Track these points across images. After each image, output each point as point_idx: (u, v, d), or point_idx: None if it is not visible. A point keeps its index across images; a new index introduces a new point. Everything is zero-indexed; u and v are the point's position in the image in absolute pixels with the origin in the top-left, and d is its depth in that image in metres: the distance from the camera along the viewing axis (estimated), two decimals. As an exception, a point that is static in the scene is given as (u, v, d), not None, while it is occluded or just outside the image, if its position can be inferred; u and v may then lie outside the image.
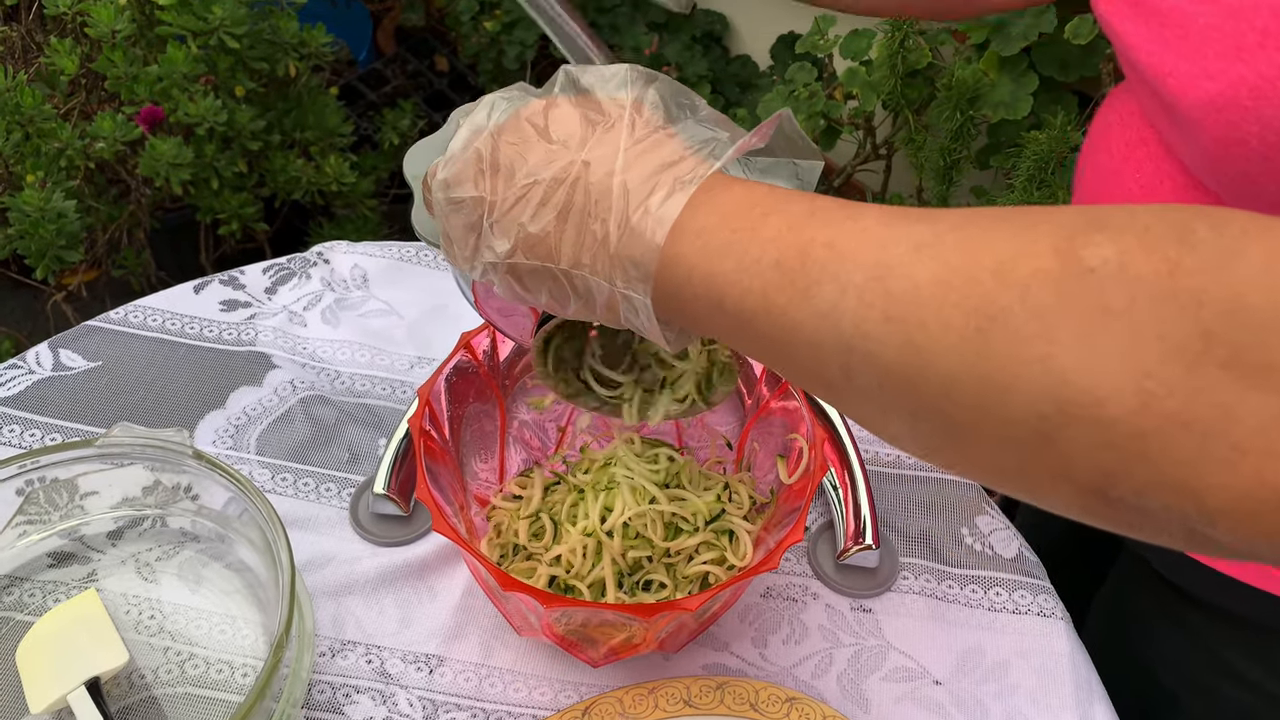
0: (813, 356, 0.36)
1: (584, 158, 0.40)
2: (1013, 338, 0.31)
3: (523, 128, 0.42)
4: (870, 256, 0.34)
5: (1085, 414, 0.30)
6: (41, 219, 1.26)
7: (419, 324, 0.84)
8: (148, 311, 0.82)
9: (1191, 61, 0.48)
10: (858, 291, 0.34)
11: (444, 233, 0.45)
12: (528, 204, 0.41)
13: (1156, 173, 0.57)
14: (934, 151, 1.37)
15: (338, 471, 0.73)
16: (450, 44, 2.14)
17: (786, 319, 0.36)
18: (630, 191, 0.39)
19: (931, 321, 0.32)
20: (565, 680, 0.63)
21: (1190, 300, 0.29)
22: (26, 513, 0.64)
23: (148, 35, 1.41)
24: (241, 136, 1.45)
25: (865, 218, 0.36)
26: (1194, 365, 0.29)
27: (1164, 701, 0.73)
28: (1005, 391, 0.31)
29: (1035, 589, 0.70)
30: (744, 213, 0.38)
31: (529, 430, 0.71)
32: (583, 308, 0.42)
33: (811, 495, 0.57)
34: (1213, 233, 0.30)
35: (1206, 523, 0.30)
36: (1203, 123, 0.47)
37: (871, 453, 0.77)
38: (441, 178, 0.43)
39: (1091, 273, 0.30)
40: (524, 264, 0.42)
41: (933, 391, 0.33)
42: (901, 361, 0.33)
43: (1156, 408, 0.29)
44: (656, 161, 0.40)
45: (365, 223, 1.69)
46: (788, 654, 0.66)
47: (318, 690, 0.62)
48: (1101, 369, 0.30)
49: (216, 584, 0.65)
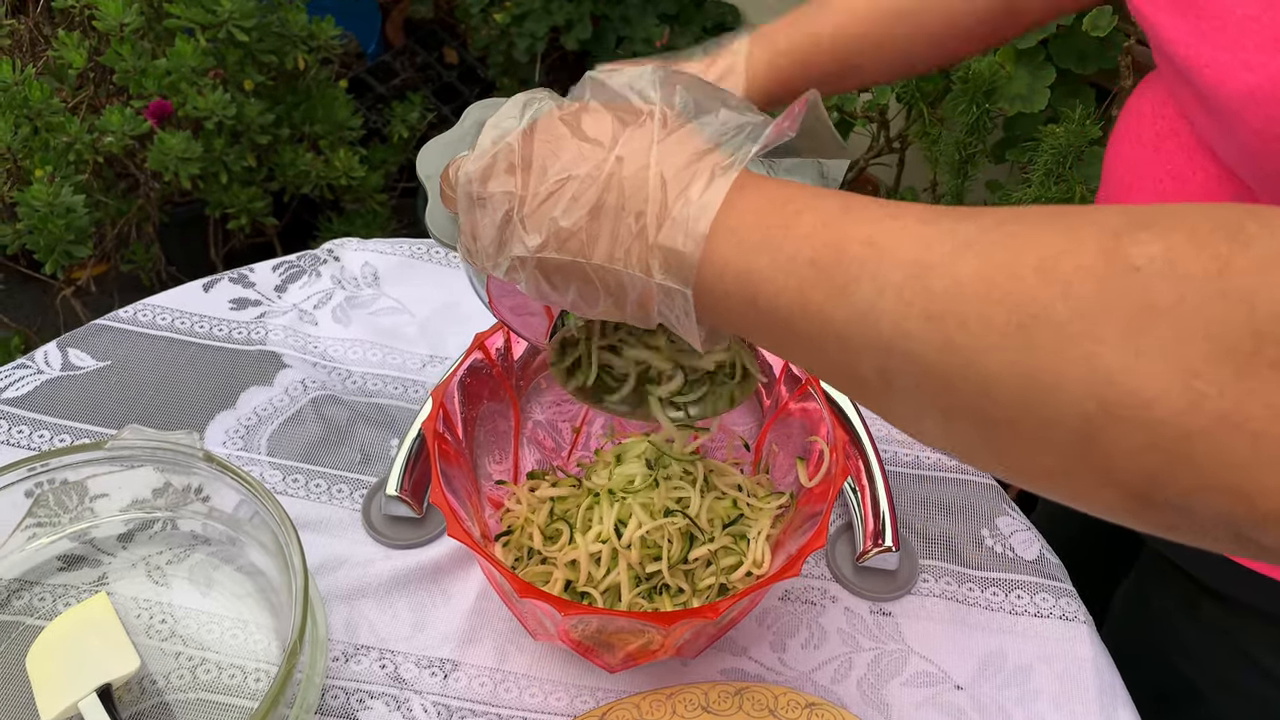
0: (848, 355, 0.36)
1: (617, 154, 0.40)
2: (1056, 335, 0.30)
3: (555, 126, 0.41)
4: (910, 254, 0.34)
5: (1131, 414, 0.29)
6: (50, 214, 1.26)
7: (431, 322, 0.83)
8: (157, 310, 0.81)
9: (1230, 53, 0.47)
10: (896, 290, 0.33)
11: (466, 229, 0.44)
12: (560, 199, 0.40)
13: (1189, 164, 0.56)
14: (949, 145, 1.36)
15: (349, 472, 0.72)
16: (460, 36, 2.13)
17: (822, 316, 0.35)
18: (668, 182, 0.39)
19: (973, 319, 0.32)
20: (581, 685, 0.62)
21: (1241, 299, 0.28)
22: (36, 515, 0.64)
23: (156, 28, 1.40)
24: (250, 130, 1.44)
25: (905, 215, 0.35)
26: (1245, 366, 0.28)
27: (1187, 695, 0.72)
28: (1047, 390, 0.30)
29: (1057, 592, 0.69)
30: (777, 209, 0.37)
31: (543, 430, 0.70)
32: (612, 306, 0.41)
33: (833, 500, 0.56)
34: (1265, 231, 0.29)
35: (1257, 527, 0.29)
36: (1241, 114, 0.46)
37: (890, 453, 0.76)
38: (470, 170, 0.43)
39: (1137, 270, 0.29)
40: (553, 260, 0.41)
41: (972, 390, 0.32)
42: (941, 361, 0.33)
43: (1206, 408, 0.28)
44: (691, 150, 0.39)
45: (374, 217, 1.68)
46: (807, 658, 0.65)
47: (331, 696, 0.61)
48: (1148, 368, 0.29)
49: (228, 587, 0.64)
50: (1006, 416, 0.32)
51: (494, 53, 1.96)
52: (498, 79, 1.98)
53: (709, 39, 2.13)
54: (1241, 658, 0.68)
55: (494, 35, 1.93)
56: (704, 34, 1.85)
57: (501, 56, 1.95)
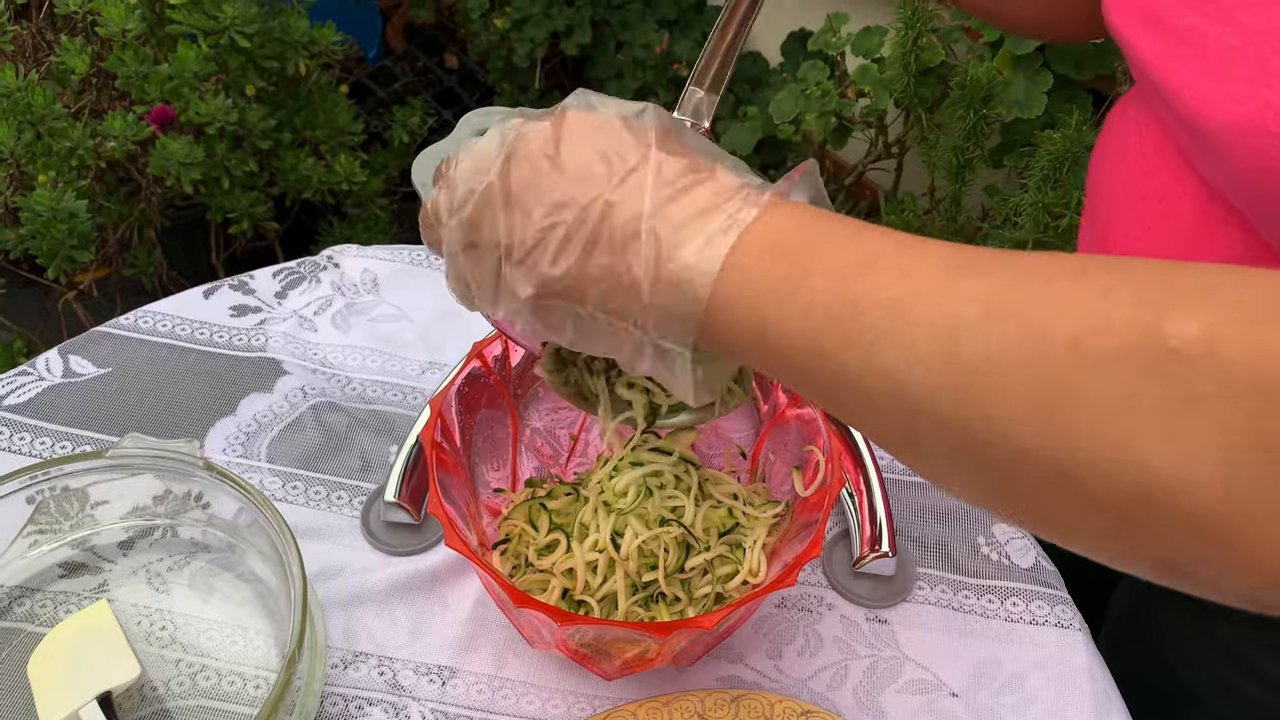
0: (871, 409, 0.35)
1: (608, 198, 0.38)
2: (1091, 419, 0.30)
3: (536, 163, 0.40)
4: (934, 319, 0.33)
5: (1168, 500, 0.29)
6: (53, 219, 1.26)
7: (430, 328, 0.83)
8: (157, 317, 0.82)
9: (1215, 82, 0.47)
10: (925, 362, 0.32)
11: (458, 274, 0.44)
12: (548, 246, 0.39)
13: (1176, 185, 0.56)
14: (947, 150, 1.36)
15: (349, 479, 0.73)
16: (460, 41, 2.14)
17: (838, 365, 0.34)
18: (661, 240, 0.37)
19: (1006, 394, 0.31)
20: (579, 693, 0.63)
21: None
22: (37, 522, 0.64)
23: (158, 34, 1.40)
24: (252, 135, 1.45)
25: (922, 269, 0.34)
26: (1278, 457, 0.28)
27: (1186, 700, 0.72)
28: (1082, 469, 0.30)
29: (1053, 599, 0.69)
30: (788, 257, 0.36)
31: (540, 438, 0.71)
32: (610, 350, 0.41)
33: (829, 510, 0.56)
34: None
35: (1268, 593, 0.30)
36: (1230, 146, 0.46)
37: (887, 460, 0.76)
38: (452, 224, 0.42)
39: (1175, 354, 0.29)
40: (547, 305, 0.40)
41: (1004, 462, 0.32)
42: (974, 431, 0.32)
43: (1242, 498, 0.28)
44: (690, 208, 0.38)
45: (376, 221, 1.69)
46: (803, 666, 0.65)
47: (330, 702, 0.62)
48: (1188, 459, 0.29)
49: (228, 595, 0.64)
50: (1039, 490, 0.32)
51: (494, 58, 1.97)
52: (498, 84, 1.99)
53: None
54: (1238, 663, 0.68)
55: (494, 40, 1.94)
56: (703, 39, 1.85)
57: (501, 62, 1.96)
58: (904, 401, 0.33)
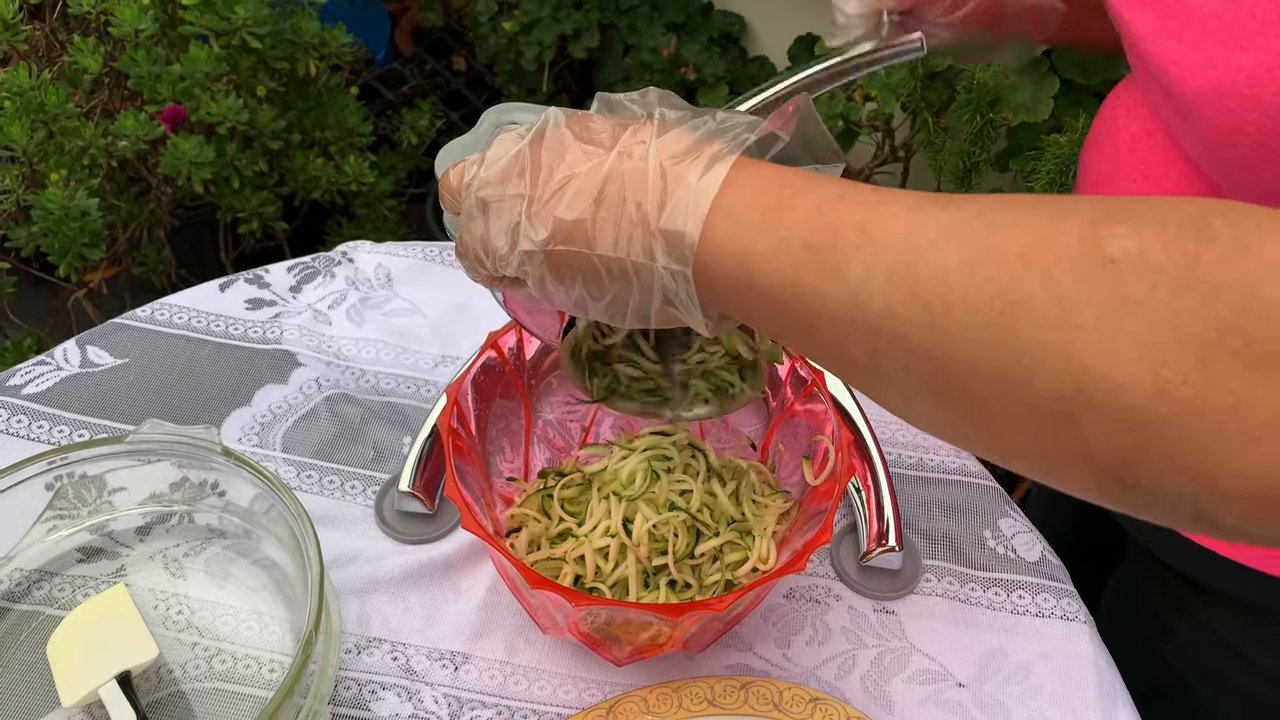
0: (839, 336, 0.37)
1: (618, 150, 0.42)
2: (1035, 322, 0.32)
3: (561, 133, 0.44)
4: (899, 239, 0.35)
5: (1104, 398, 0.31)
6: (65, 217, 1.27)
7: (443, 322, 0.84)
8: (174, 309, 0.83)
9: (1194, 49, 0.49)
10: (886, 273, 0.35)
11: (473, 233, 0.45)
12: (564, 195, 0.42)
13: (1163, 163, 0.58)
14: (953, 154, 1.37)
15: (363, 469, 0.74)
16: (468, 44, 2.15)
17: (816, 298, 0.37)
18: (667, 171, 0.40)
19: (957, 305, 0.34)
20: (589, 679, 0.64)
21: (1208, 292, 0.30)
22: (56, 508, 0.65)
23: (170, 35, 1.42)
24: (262, 136, 1.46)
25: (895, 202, 0.37)
26: (1208, 355, 0.30)
27: (1176, 690, 0.73)
28: (1027, 374, 0.32)
29: (1059, 592, 0.70)
30: (774, 193, 0.39)
31: (553, 429, 0.71)
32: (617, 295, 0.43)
33: (839, 497, 0.57)
34: (1229, 226, 0.31)
35: (1218, 506, 0.31)
36: (1203, 110, 0.49)
37: (895, 455, 0.77)
38: (483, 176, 0.44)
39: (1113, 263, 0.31)
40: (560, 252, 0.42)
41: (957, 372, 0.34)
42: (927, 343, 0.34)
43: (1172, 394, 0.30)
44: (689, 142, 0.41)
45: (384, 222, 1.70)
46: (811, 655, 0.66)
47: (344, 687, 0.62)
48: (1120, 356, 0.31)
49: (244, 580, 0.65)
50: (989, 398, 0.34)
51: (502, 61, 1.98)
52: (505, 87, 2.00)
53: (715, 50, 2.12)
54: (1227, 652, 0.69)
55: (502, 44, 1.95)
56: (710, 44, 1.87)
57: (509, 65, 1.97)
58: (865, 318, 0.36)
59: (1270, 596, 0.64)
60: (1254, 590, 0.64)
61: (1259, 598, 0.65)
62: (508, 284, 0.47)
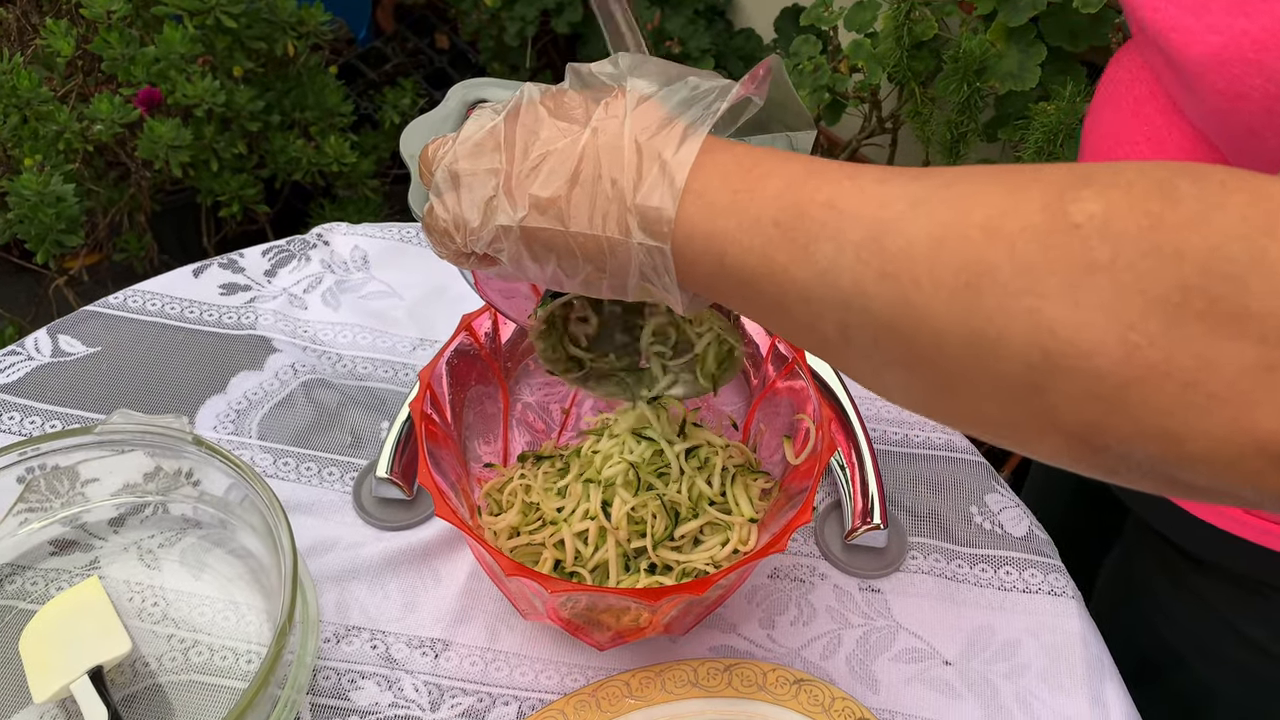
0: (811, 313, 0.37)
1: (593, 126, 0.41)
2: (1001, 292, 0.32)
3: (535, 109, 0.43)
4: (867, 214, 0.35)
5: (1072, 365, 0.31)
6: (41, 202, 1.25)
7: (420, 305, 0.83)
8: (147, 296, 0.81)
9: (1195, 16, 0.49)
10: (855, 249, 0.35)
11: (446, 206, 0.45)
12: (539, 172, 0.42)
13: (1166, 125, 0.57)
14: (940, 124, 1.35)
15: (340, 455, 0.73)
16: (450, 21, 2.12)
17: (786, 276, 0.37)
18: (641, 146, 0.40)
19: (924, 278, 0.33)
20: (572, 664, 0.63)
21: (1171, 254, 0.30)
22: (27, 500, 0.64)
23: (144, 16, 1.39)
24: (240, 117, 1.44)
25: (862, 177, 0.37)
26: (1174, 317, 0.30)
27: (1172, 664, 0.73)
28: (995, 344, 0.32)
29: (1046, 568, 0.69)
30: (744, 173, 0.39)
31: (532, 412, 0.70)
32: (592, 273, 0.43)
33: (819, 476, 0.56)
34: (1194, 187, 0.31)
35: (1187, 468, 0.31)
36: (1207, 77, 0.48)
37: (879, 431, 0.76)
38: (456, 150, 0.44)
39: (1077, 228, 0.31)
40: (536, 229, 0.42)
41: (926, 345, 0.34)
42: (896, 317, 0.34)
43: (1139, 359, 0.30)
44: (662, 116, 0.41)
45: (367, 203, 1.68)
46: (796, 635, 0.65)
47: (323, 676, 0.62)
48: (1087, 322, 0.30)
49: (219, 570, 0.64)
50: (958, 369, 0.34)
51: (485, 37, 1.96)
52: (489, 63, 1.98)
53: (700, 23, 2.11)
54: (1223, 625, 0.69)
55: (484, 20, 1.93)
56: (696, 17, 1.85)
57: (493, 41, 1.95)
58: (835, 295, 0.36)
59: (1264, 568, 0.64)
60: (1248, 562, 0.64)
61: (1253, 570, 0.65)
62: (475, 260, 0.46)
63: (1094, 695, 0.63)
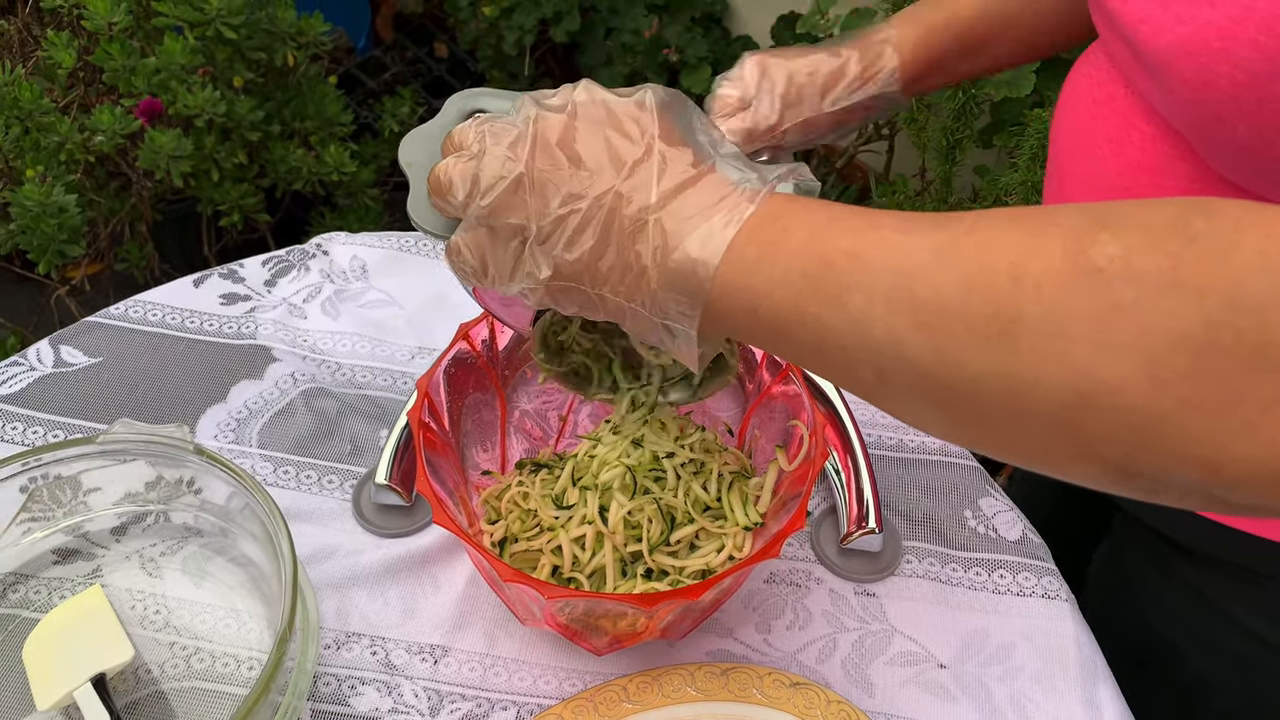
0: (846, 360, 0.38)
1: (618, 189, 0.42)
2: (1032, 337, 0.33)
3: (553, 155, 0.43)
4: (893, 264, 0.37)
5: (1104, 402, 0.32)
6: (42, 213, 1.26)
7: (419, 314, 0.84)
8: (147, 306, 0.82)
9: (1162, 7, 0.50)
10: (885, 300, 0.36)
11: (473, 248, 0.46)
12: (565, 231, 0.42)
13: (1123, 127, 0.58)
14: (936, 131, 1.36)
15: (339, 463, 0.73)
16: (449, 30, 2.13)
17: (820, 324, 0.38)
18: (667, 232, 0.41)
19: (957, 327, 0.35)
20: (570, 669, 0.63)
21: (1193, 292, 0.31)
22: (30, 510, 0.64)
23: (145, 27, 1.40)
24: (241, 127, 1.45)
25: (883, 226, 0.38)
26: (1200, 352, 0.31)
27: (1166, 657, 0.73)
28: (1031, 386, 0.34)
29: (1039, 571, 0.70)
30: (766, 226, 0.40)
31: (530, 419, 0.71)
32: (616, 320, 0.44)
33: (813, 482, 0.57)
34: (1209, 225, 0.32)
35: (1227, 490, 0.32)
36: (1174, 66, 0.49)
37: (874, 436, 0.77)
38: (486, 204, 0.44)
39: (1100, 271, 0.32)
40: (562, 285, 0.44)
41: (964, 389, 0.35)
42: (933, 365, 0.36)
43: (1169, 394, 0.31)
44: (693, 204, 0.41)
45: (367, 212, 1.69)
46: (792, 639, 0.66)
47: (323, 682, 0.62)
48: (1115, 360, 0.32)
49: (221, 578, 0.65)
50: (996, 408, 0.35)
51: (483, 46, 1.97)
52: (488, 72, 1.99)
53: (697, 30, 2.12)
54: (1217, 616, 0.69)
55: (483, 29, 1.94)
56: (693, 24, 1.85)
57: (491, 50, 1.96)
58: (871, 344, 0.37)
59: (1257, 558, 0.64)
60: (1241, 552, 0.65)
61: (1246, 560, 0.65)
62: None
63: (1087, 698, 0.63)
